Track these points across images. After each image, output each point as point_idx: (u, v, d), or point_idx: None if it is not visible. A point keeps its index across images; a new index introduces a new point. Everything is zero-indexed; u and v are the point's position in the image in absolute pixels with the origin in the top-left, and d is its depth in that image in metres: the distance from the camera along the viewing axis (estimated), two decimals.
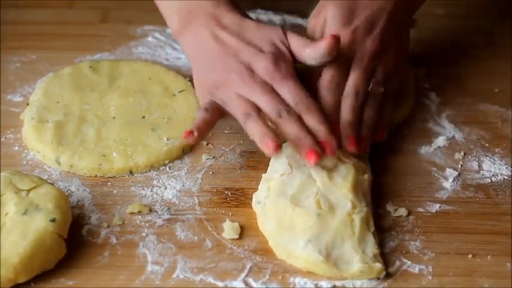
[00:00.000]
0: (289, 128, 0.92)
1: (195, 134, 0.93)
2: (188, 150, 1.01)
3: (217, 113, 0.96)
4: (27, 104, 1.05)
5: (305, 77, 0.98)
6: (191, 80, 1.09)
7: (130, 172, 0.98)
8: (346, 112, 0.96)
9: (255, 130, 0.92)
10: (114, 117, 1.03)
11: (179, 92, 1.06)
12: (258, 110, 0.94)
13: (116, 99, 1.05)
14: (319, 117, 0.93)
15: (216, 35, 0.99)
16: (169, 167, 0.99)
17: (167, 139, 1.00)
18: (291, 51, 0.98)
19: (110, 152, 0.98)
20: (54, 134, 1.00)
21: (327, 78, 0.97)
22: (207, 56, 0.99)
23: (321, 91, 0.97)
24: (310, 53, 0.96)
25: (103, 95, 1.06)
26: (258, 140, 0.91)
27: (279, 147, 0.90)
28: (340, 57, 0.97)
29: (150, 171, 0.98)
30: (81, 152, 0.98)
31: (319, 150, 0.90)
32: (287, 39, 0.98)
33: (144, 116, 1.03)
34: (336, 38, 0.95)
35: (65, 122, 1.01)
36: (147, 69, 1.10)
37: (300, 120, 0.93)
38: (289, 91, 0.94)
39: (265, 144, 0.90)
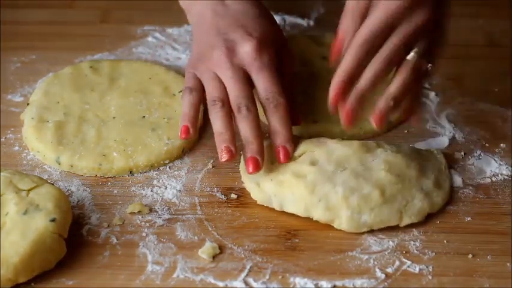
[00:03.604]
0: (243, 127, 0.93)
1: (191, 129, 0.94)
2: (188, 150, 1.01)
3: (201, 94, 0.97)
4: (27, 104, 1.05)
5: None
6: None
7: (131, 172, 0.98)
8: (363, 78, 0.89)
9: (215, 122, 0.94)
10: (114, 117, 1.03)
11: (179, 92, 1.06)
12: (226, 100, 0.95)
13: (116, 99, 1.05)
14: (284, 119, 0.94)
15: (215, 11, 1.00)
16: (169, 167, 0.99)
17: (167, 139, 1.00)
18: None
19: (110, 152, 0.98)
20: (54, 134, 1.00)
21: (361, 34, 0.89)
22: (203, 28, 1.00)
23: (348, 48, 0.90)
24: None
25: (103, 95, 1.06)
26: (215, 136, 0.94)
27: (232, 155, 0.92)
28: (385, 26, 0.89)
29: (150, 171, 0.98)
30: (81, 151, 0.98)
31: (261, 160, 0.92)
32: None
33: (144, 116, 1.03)
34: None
35: (65, 122, 1.01)
36: (147, 69, 1.10)
37: (255, 120, 0.93)
38: (263, 82, 0.95)
39: (221, 150, 0.93)
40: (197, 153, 1.01)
